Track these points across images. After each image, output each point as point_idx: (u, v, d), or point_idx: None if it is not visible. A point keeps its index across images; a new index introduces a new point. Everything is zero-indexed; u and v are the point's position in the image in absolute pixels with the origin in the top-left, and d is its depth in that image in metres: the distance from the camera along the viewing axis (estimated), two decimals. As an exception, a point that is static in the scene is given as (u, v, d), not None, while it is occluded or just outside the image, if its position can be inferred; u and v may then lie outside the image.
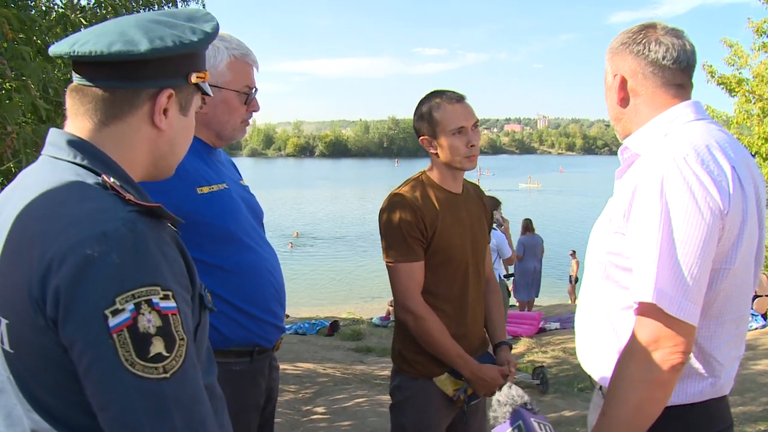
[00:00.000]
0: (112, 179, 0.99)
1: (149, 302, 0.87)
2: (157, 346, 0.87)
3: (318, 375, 7.30)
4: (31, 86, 2.57)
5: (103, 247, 0.87)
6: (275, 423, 2.18)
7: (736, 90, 11.44)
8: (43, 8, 4.67)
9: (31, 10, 4.28)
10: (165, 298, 0.89)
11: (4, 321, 0.93)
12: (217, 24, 1.14)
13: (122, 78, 1.04)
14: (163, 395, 0.87)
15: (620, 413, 1.39)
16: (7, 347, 0.93)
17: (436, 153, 2.33)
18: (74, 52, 1.02)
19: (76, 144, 1.03)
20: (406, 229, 2.25)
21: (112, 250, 0.87)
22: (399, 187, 2.39)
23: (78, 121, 1.06)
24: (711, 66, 11.62)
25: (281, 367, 2.32)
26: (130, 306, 0.86)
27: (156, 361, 0.87)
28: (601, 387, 1.63)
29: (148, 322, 0.87)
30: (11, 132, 2.46)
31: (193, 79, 1.11)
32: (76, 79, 1.06)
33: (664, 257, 1.34)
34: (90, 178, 0.99)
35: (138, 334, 0.86)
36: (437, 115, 2.29)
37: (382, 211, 2.33)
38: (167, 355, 0.88)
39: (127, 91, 1.04)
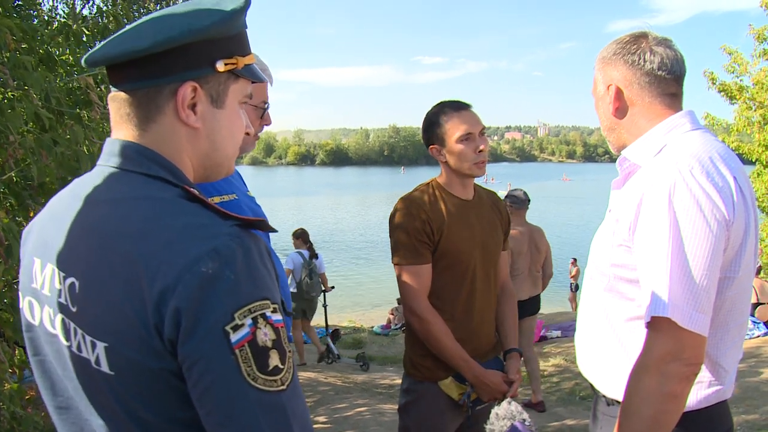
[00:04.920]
0: (194, 190, 0.96)
1: (264, 316, 0.87)
2: (274, 359, 0.88)
3: (319, 384, 7.28)
4: (33, 96, 2.58)
5: (216, 263, 0.86)
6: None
7: (737, 97, 11.47)
8: (46, 18, 4.70)
9: (34, 20, 4.31)
10: (274, 311, 0.89)
11: (102, 344, 0.90)
12: (245, 1, 1.02)
13: (139, 77, 0.97)
14: (283, 407, 0.87)
15: (636, 427, 1.39)
16: (105, 369, 0.91)
17: (446, 161, 2.37)
18: (85, 60, 0.99)
19: (146, 154, 0.98)
20: (414, 232, 2.29)
21: (225, 266, 0.86)
22: (410, 192, 2.44)
23: (122, 129, 1.01)
24: (712, 73, 11.66)
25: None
26: (249, 321, 0.85)
27: (274, 374, 0.87)
28: (605, 396, 1.64)
29: (265, 335, 0.87)
30: (13, 141, 2.46)
31: (221, 67, 1.00)
32: (111, 87, 1.02)
33: (675, 271, 1.35)
34: (170, 191, 0.96)
35: (258, 348, 0.86)
36: (445, 124, 2.34)
37: (392, 215, 2.39)
38: (282, 367, 0.88)
39: (149, 90, 0.98)
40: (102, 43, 1.01)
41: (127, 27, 1.01)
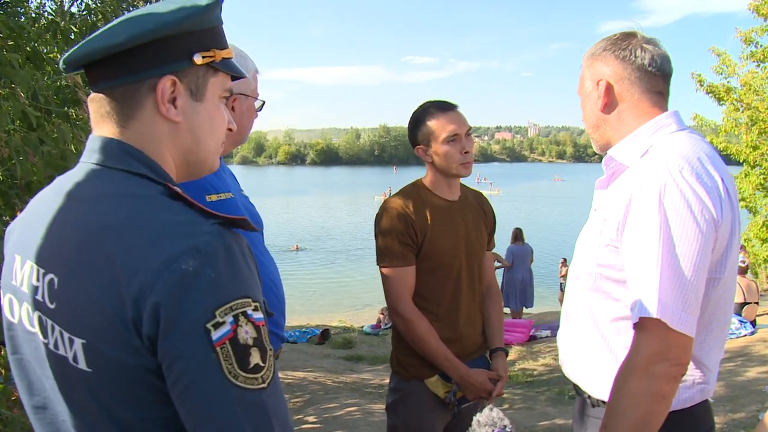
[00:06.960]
0: (177, 188, 0.96)
1: (245, 314, 0.88)
2: (255, 357, 0.88)
3: (309, 383, 7.26)
4: (20, 94, 2.56)
5: (197, 261, 0.86)
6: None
7: (725, 98, 11.57)
8: (33, 15, 4.65)
9: (21, 17, 4.27)
10: (255, 309, 0.90)
11: (79, 341, 0.91)
12: None
13: (118, 74, 0.98)
14: (264, 405, 0.88)
15: (623, 428, 1.39)
16: (82, 366, 0.91)
17: (432, 162, 2.37)
18: (64, 61, 1.00)
19: (128, 151, 0.98)
20: (397, 234, 2.31)
21: (207, 264, 0.87)
22: (394, 194, 2.46)
23: (103, 127, 1.01)
24: (700, 75, 11.75)
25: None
26: (230, 318, 0.86)
27: (255, 371, 0.88)
28: (589, 396, 1.64)
29: (246, 333, 0.87)
30: (0, 140, 2.44)
31: (198, 59, 1.00)
32: (91, 88, 1.02)
33: (665, 272, 1.35)
34: (151, 188, 0.96)
35: (239, 346, 0.86)
36: (431, 124, 2.34)
37: (377, 216, 2.41)
38: (263, 365, 0.89)
39: (129, 86, 0.98)
40: (78, 44, 1.01)
41: (104, 27, 1.01)
